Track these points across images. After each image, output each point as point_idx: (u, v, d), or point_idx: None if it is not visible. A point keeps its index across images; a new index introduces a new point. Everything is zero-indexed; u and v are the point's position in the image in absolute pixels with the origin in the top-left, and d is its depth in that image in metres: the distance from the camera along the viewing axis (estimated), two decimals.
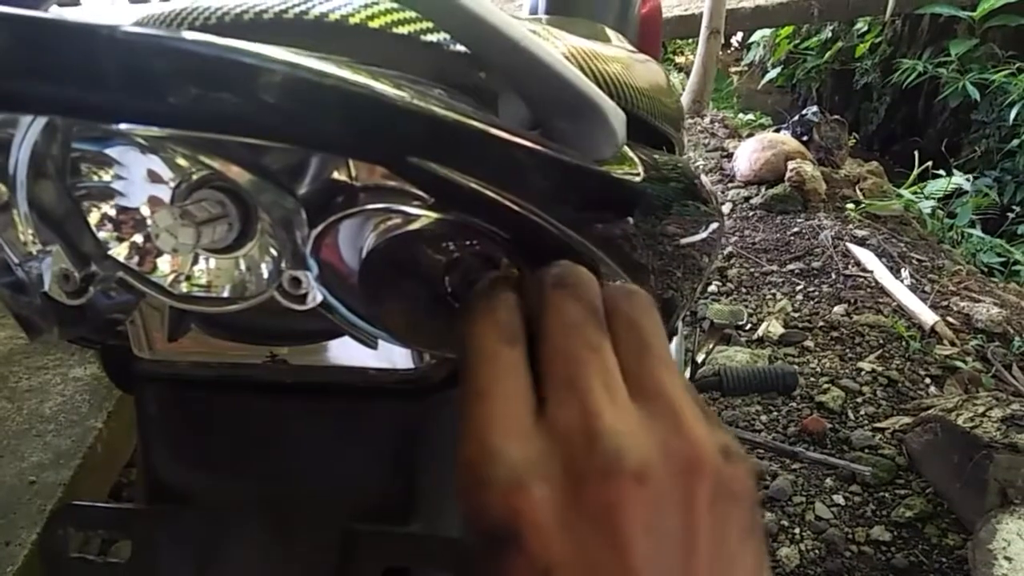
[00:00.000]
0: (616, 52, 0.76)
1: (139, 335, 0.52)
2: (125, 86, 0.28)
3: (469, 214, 0.38)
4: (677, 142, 0.89)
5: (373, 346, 0.47)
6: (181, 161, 0.41)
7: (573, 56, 0.60)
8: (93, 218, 0.42)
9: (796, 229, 3.71)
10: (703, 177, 0.78)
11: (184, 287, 0.43)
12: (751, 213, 3.91)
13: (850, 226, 3.68)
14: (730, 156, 4.36)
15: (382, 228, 0.40)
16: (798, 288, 3.27)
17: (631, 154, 0.54)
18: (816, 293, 3.22)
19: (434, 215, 0.39)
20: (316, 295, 0.41)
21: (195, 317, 0.50)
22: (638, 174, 0.53)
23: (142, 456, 0.54)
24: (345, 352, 0.49)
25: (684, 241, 0.74)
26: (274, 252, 0.41)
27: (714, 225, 0.91)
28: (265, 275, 0.42)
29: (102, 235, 0.42)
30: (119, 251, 0.42)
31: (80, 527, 0.54)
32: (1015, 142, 5.14)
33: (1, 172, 0.40)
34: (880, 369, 2.71)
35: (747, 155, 4.11)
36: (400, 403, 0.50)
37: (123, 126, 0.39)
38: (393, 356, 0.49)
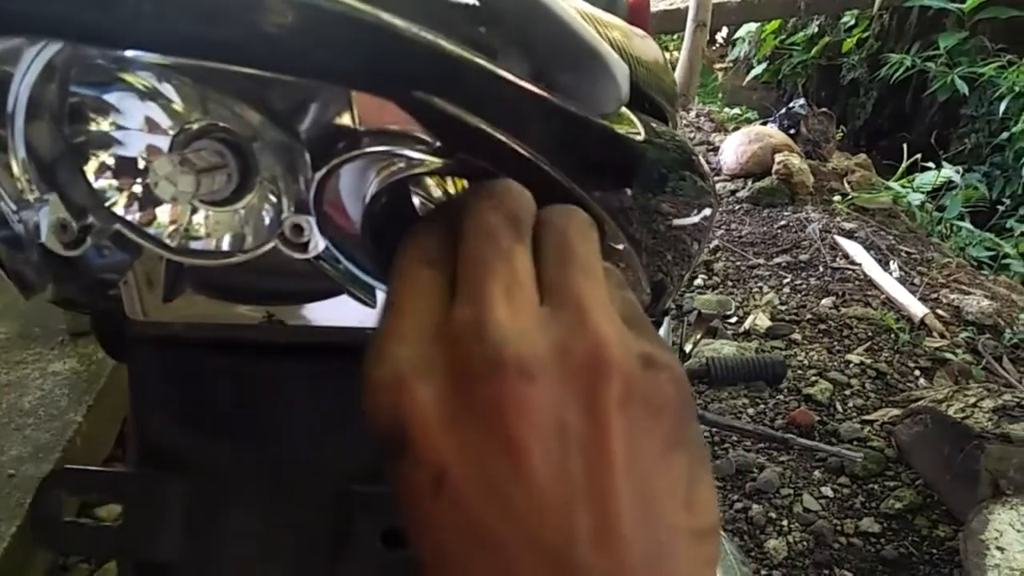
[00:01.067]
0: (616, 21, 0.75)
1: (132, 297, 0.51)
2: (133, 10, 0.28)
3: (475, 157, 0.37)
4: (672, 118, 0.88)
5: (372, 304, 0.46)
6: (179, 108, 0.40)
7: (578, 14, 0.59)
8: (91, 167, 0.41)
9: (783, 222, 3.71)
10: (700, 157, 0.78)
11: (182, 239, 0.42)
12: (738, 206, 3.91)
13: (838, 219, 3.69)
14: (716, 150, 4.36)
15: (385, 174, 0.39)
16: (785, 281, 3.27)
17: (631, 115, 0.53)
18: (804, 286, 3.23)
19: (438, 160, 0.38)
20: (318, 243, 0.40)
21: (190, 277, 0.49)
22: (639, 133, 0.52)
23: (134, 421, 0.53)
24: (343, 312, 0.49)
25: (680, 222, 0.74)
26: (273, 199, 0.41)
27: (709, 208, 0.90)
28: (266, 224, 0.41)
29: (100, 184, 0.41)
30: (117, 201, 0.42)
31: (73, 491, 0.53)
32: (1004, 136, 5.15)
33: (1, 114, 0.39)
34: (869, 361, 2.71)
35: (734, 148, 4.11)
36: None
37: (129, 60, 0.38)
38: None
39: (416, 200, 0.42)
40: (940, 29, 5.91)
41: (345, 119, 0.38)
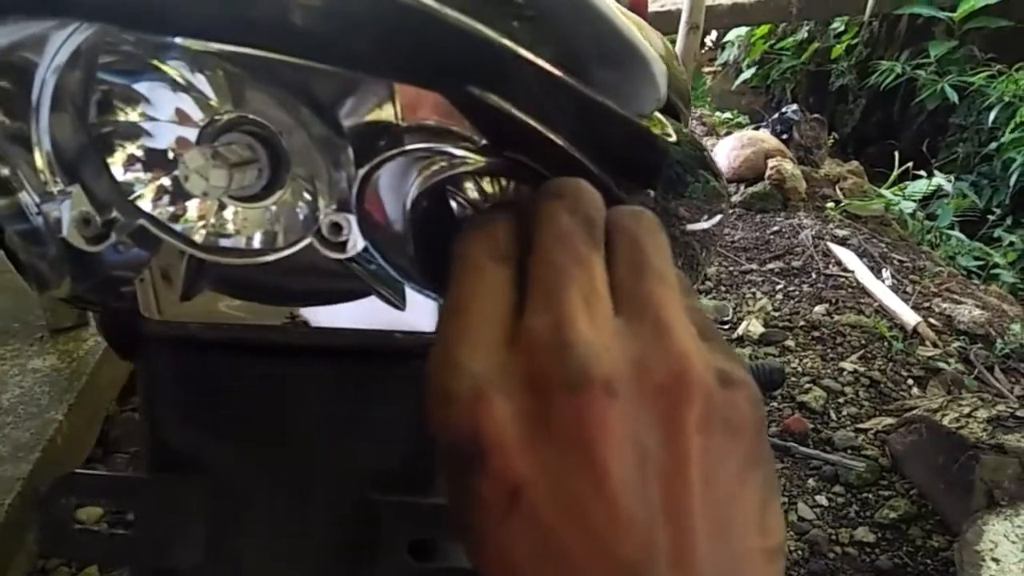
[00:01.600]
0: (630, 15, 0.74)
1: (148, 294, 0.49)
2: None
3: (524, 156, 0.36)
4: (685, 117, 0.87)
5: (401, 307, 0.45)
6: (212, 100, 0.38)
7: None
8: (116, 159, 0.39)
9: (776, 228, 3.71)
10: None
11: (211, 237, 0.41)
12: (730, 211, 3.91)
13: (831, 225, 3.69)
14: None
15: (427, 172, 0.37)
16: (778, 287, 3.27)
17: (660, 116, 0.52)
18: (797, 292, 3.22)
19: (483, 158, 0.37)
20: (358, 242, 0.38)
21: (210, 275, 0.47)
22: (671, 136, 0.51)
23: (147, 424, 0.51)
24: (369, 314, 0.47)
25: (694, 227, 0.73)
26: (308, 196, 0.39)
27: (720, 214, 0.89)
28: (299, 221, 0.39)
29: (125, 178, 0.39)
30: (142, 195, 0.40)
31: (83, 497, 0.51)
32: (993, 145, 5.17)
33: (21, 103, 0.38)
34: (862, 369, 2.71)
35: (726, 153, 4.11)
36: (426, 367, 0.48)
37: (163, 47, 0.36)
38: (419, 319, 0.47)
39: (453, 202, 0.40)
40: (929, 37, 5.93)
41: (388, 114, 0.37)
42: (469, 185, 0.39)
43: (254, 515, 0.48)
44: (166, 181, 0.40)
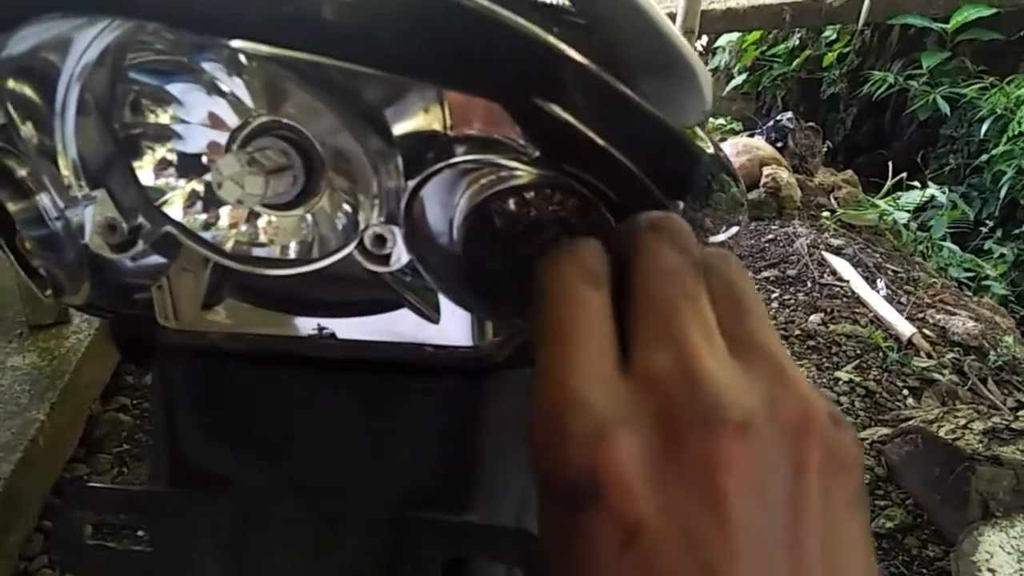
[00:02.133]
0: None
1: (166, 302, 0.47)
2: None
3: (581, 170, 0.34)
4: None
5: (435, 320, 0.43)
6: (247, 103, 0.36)
7: None
8: (146, 162, 0.37)
9: (771, 236, 3.71)
10: None
11: (243, 246, 0.39)
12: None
13: (825, 235, 3.69)
14: None
15: (477, 186, 0.36)
16: (773, 296, 3.26)
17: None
18: (792, 301, 3.22)
19: (534, 172, 0.35)
20: (402, 256, 0.36)
21: (233, 283, 0.46)
22: (709, 147, 0.49)
23: (163, 436, 0.49)
24: (400, 327, 0.45)
25: (715, 238, 0.71)
26: (348, 207, 0.37)
27: (738, 226, 0.88)
28: (336, 232, 0.38)
29: (155, 182, 0.38)
30: (170, 201, 0.38)
31: (97, 511, 0.49)
32: (984, 157, 5.18)
33: (45, 105, 0.36)
34: (858, 379, 2.70)
35: None
36: (459, 383, 0.46)
37: (200, 48, 0.34)
38: (452, 332, 0.45)
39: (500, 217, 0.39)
40: (920, 48, 5.94)
41: (438, 124, 0.35)
42: (518, 199, 0.37)
43: (278, 533, 0.46)
44: (197, 187, 0.38)
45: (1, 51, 0.34)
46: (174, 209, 0.38)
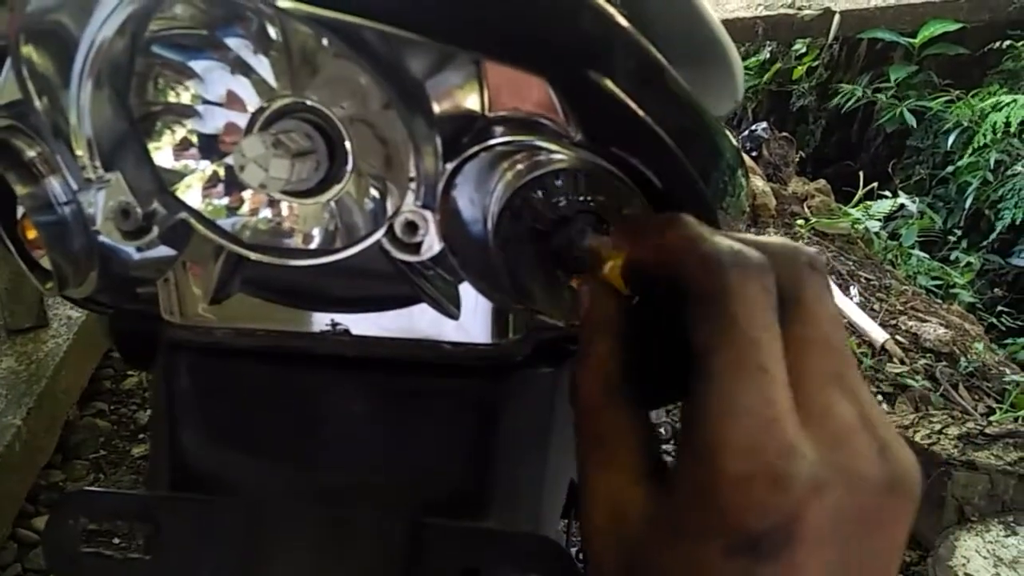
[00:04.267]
0: None
1: (171, 297, 0.45)
2: None
3: (630, 152, 0.32)
4: None
5: (455, 316, 0.41)
6: (273, 84, 0.34)
7: None
8: (164, 142, 0.35)
9: None
10: None
11: (262, 235, 0.37)
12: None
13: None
14: None
15: (515, 171, 0.34)
16: None
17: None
18: None
19: (575, 155, 0.33)
20: (433, 244, 0.35)
21: (245, 276, 0.43)
22: (735, 142, 0.48)
23: (166, 436, 0.47)
24: (417, 323, 0.43)
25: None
26: (376, 193, 0.35)
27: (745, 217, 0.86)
28: (363, 219, 0.36)
29: (173, 165, 0.35)
30: (188, 186, 0.36)
31: (94, 517, 0.46)
32: (950, 169, 5.24)
33: (60, 77, 0.34)
34: None
35: None
36: (477, 382, 0.44)
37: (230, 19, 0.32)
38: (471, 329, 0.43)
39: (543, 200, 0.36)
40: (888, 62, 6.00)
41: (476, 103, 0.33)
42: (554, 186, 0.35)
43: (287, 540, 0.44)
44: (216, 170, 0.36)
45: (28, 5, 0.32)
46: (191, 195, 0.36)
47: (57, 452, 2.01)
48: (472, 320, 0.43)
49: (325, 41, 0.32)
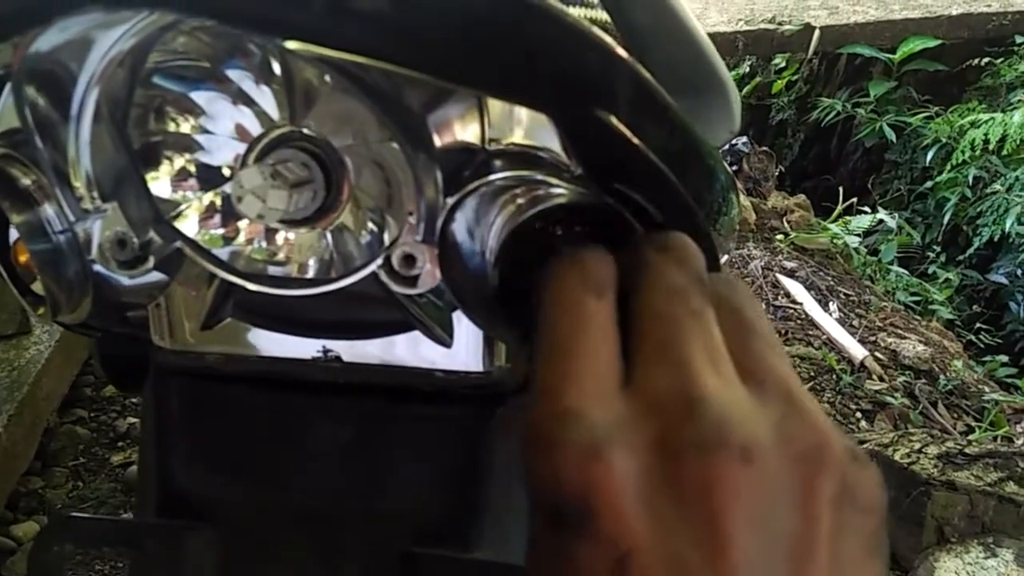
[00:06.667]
0: None
1: (161, 322, 0.45)
2: None
3: (632, 187, 0.32)
4: None
5: (447, 344, 0.41)
6: (273, 115, 0.34)
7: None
8: (162, 172, 0.35)
9: (725, 258, 3.72)
10: None
11: (257, 264, 0.37)
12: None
13: (779, 257, 3.72)
14: None
15: (513, 206, 0.34)
16: None
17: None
18: None
19: (575, 191, 0.33)
20: (430, 277, 0.34)
21: (236, 302, 0.43)
22: (727, 169, 0.48)
23: (153, 461, 0.47)
24: (409, 350, 0.43)
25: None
26: (373, 225, 0.35)
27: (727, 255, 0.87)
28: (359, 250, 0.36)
29: (169, 195, 0.35)
30: (184, 216, 0.36)
31: (79, 543, 0.46)
32: (928, 184, 5.28)
33: (59, 111, 0.33)
34: None
35: None
36: (468, 410, 0.44)
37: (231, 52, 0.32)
38: (463, 357, 0.43)
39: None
40: (867, 77, 6.04)
41: (476, 138, 0.33)
42: (553, 221, 0.35)
43: (275, 567, 0.44)
44: (213, 200, 0.36)
45: (29, 47, 0.31)
46: (187, 224, 0.36)
47: (36, 459, 1.99)
48: (465, 348, 0.42)
49: (327, 77, 0.32)
